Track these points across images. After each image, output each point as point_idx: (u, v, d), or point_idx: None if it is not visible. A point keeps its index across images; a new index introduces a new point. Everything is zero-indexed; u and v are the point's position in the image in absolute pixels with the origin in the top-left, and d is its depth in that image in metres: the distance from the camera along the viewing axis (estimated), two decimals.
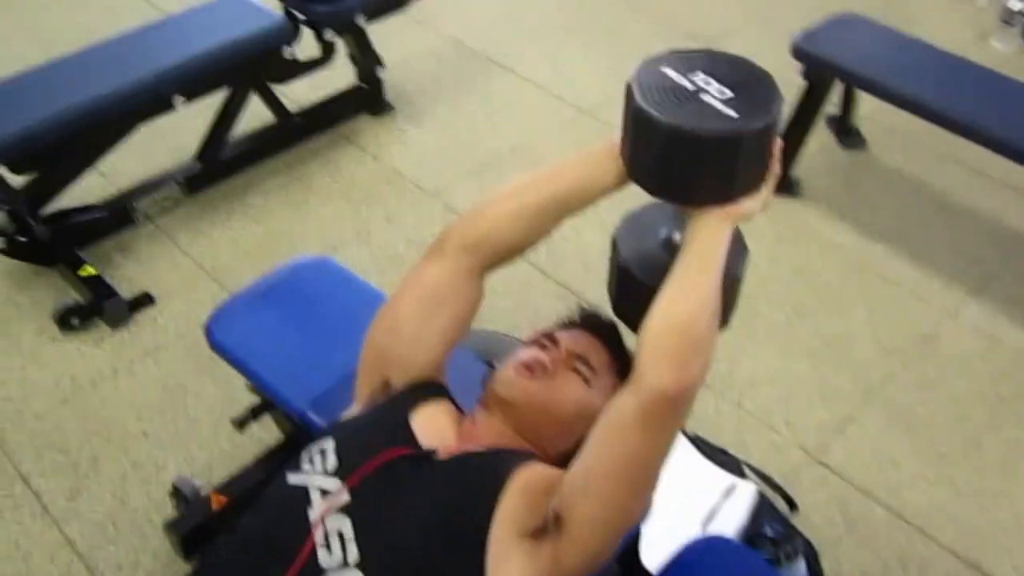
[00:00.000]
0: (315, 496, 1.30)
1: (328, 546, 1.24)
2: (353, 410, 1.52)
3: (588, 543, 1.23)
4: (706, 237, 1.25)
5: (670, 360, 1.19)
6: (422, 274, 1.47)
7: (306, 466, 1.36)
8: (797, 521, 2.16)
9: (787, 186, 3.12)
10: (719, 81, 1.25)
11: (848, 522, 2.20)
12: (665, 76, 1.26)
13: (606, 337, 1.56)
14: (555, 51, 3.79)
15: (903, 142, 3.34)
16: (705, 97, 1.22)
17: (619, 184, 1.36)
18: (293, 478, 1.35)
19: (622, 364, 1.53)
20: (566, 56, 3.75)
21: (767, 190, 1.29)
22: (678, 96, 1.23)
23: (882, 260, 2.88)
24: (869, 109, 3.40)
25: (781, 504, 2.19)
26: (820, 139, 3.31)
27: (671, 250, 1.36)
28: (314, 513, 1.28)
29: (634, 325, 1.45)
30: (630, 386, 1.21)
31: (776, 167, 1.28)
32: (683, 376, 1.18)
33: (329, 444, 1.38)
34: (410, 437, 1.38)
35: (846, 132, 3.35)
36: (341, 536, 1.25)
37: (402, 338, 1.48)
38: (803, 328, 2.66)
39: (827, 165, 3.25)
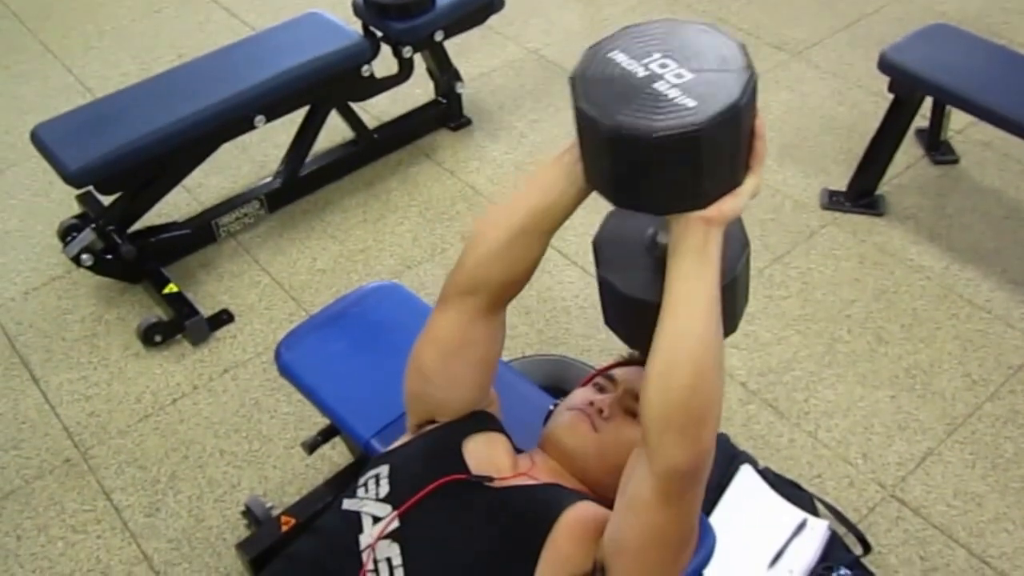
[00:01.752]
0: (367, 522, 1.33)
1: (377, 572, 1.26)
2: (406, 437, 1.54)
3: None
4: (688, 253, 1.14)
5: (678, 437, 1.12)
6: (434, 326, 1.47)
7: (360, 492, 1.39)
8: (871, 561, 2.10)
9: (872, 204, 3.03)
10: (677, 62, 1.10)
11: (926, 564, 2.12)
12: (613, 64, 1.12)
13: None
14: None
15: (998, 159, 3.21)
16: (659, 85, 1.07)
17: (581, 194, 1.28)
18: (347, 504, 1.38)
19: None
20: None
21: (753, 178, 1.16)
22: (627, 88, 1.08)
23: (972, 285, 2.77)
24: (963, 123, 3.28)
25: (854, 543, 2.13)
26: (909, 154, 3.20)
27: (658, 253, 1.26)
28: (365, 540, 1.30)
29: (627, 340, 1.43)
30: (644, 461, 1.17)
31: (761, 147, 1.16)
32: (695, 448, 1.13)
33: (383, 470, 1.40)
34: (462, 464, 1.39)
35: (937, 147, 3.23)
36: (389, 563, 1.27)
37: (434, 385, 1.49)
38: (885, 356, 2.58)
39: (916, 182, 3.14)
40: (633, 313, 1.33)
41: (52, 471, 2.39)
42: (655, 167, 1.08)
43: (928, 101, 2.99)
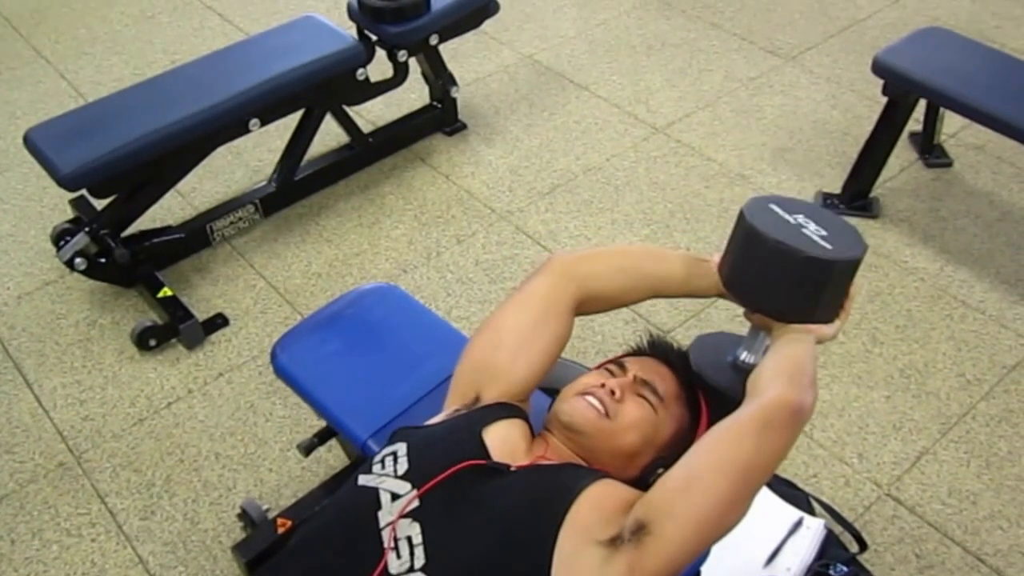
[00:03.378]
0: (385, 498, 1.33)
1: (397, 550, 1.27)
2: (434, 419, 1.54)
3: (675, 546, 1.19)
4: (792, 344, 1.37)
5: (788, 382, 1.28)
6: (531, 286, 1.55)
7: (376, 468, 1.39)
8: (867, 559, 2.10)
9: (866, 206, 3.04)
10: (816, 224, 1.42)
11: (922, 562, 2.13)
12: (771, 211, 1.43)
13: (675, 365, 1.54)
14: (630, 69, 3.76)
15: (991, 162, 3.23)
16: (805, 231, 1.39)
17: (707, 293, 1.53)
18: (364, 479, 1.38)
19: (690, 394, 1.52)
20: (641, 74, 3.72)
21: (840, 323, 1.42)
22: (782, 225, 1.40)
23: (965, 286, 2.78)
24: (956, 125, 3.30)
25: (850, 542, 2.13)
26: (903, 158, 3.22)
27: (741, 369, 1.50)
28: (384, 516, 1.30)
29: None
30: (746, 402, 1.29)
31: (849, 306, 1.43)
32: (803, 395, 1.26)
33: (401, 448, 1.41)
34: (483, 449, 1.39)
35: (930, 151, 3.24)
36: (410, 541, 1.27)
37: (504, 350, 1.51)
38: (880, 356, 2.58)
39: (909, 185, 3.16)
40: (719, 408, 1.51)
41: (46, 475, 2.38)
42: (794, 278, 1.37)
43: (921, 104, 3.00)
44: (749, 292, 1.46)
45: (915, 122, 3.09)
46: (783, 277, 1.39)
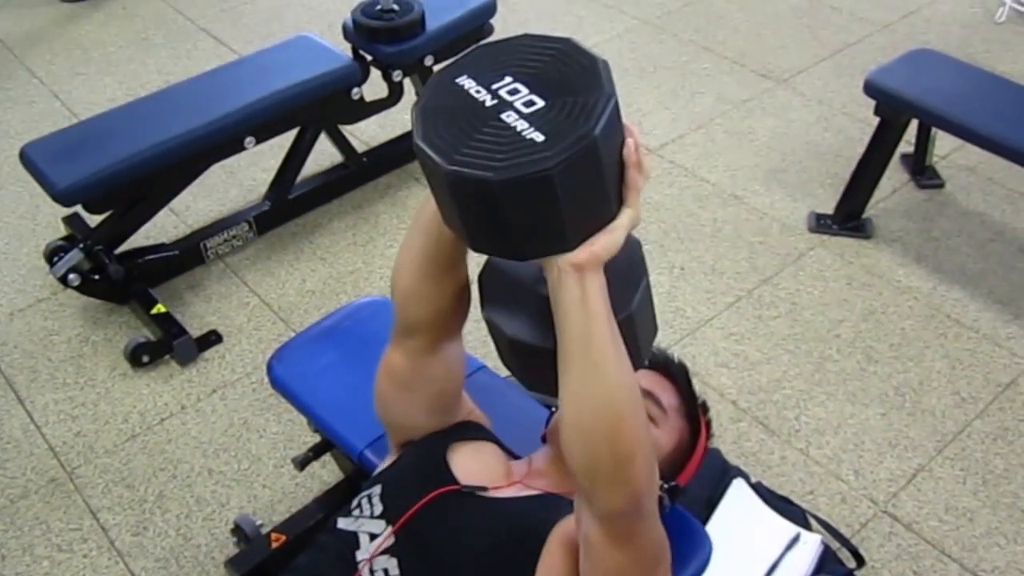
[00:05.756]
0: (364, 540, 1.34)
1: None
2: (391, 456, 1.54)
3: None
4: (569, 305, 1.05)
5: (608, 484, 1.09)
6: (387, 361, 1.46)
7: (355, 512, 1.39)
8: None
9: (859, 227, 3.05)
10: (529, 86, 0.99)
11: None
12: (459, 92, 1.00)
13: (676, 379, 1.54)
14: (623, 91, 3.73)
15: (982, 183, 3.25)
16: (507, 116, 0.96)
17: None
18: (343, 523, 1.38)
19: (691, 407, 1.51)
20: (634, 96, 3.74)
21: (629, 210, 1.06)
22: (470, 121, 0.97)
23: (959, 305, 2.79)
24: (947, 147, 3.32)
25: (847, 558, 2.12)
26: (895, 179, 3.23)
27: (542, 292, 1.12)
28: (362, 555, 1.30)
29: (523, 382, 1.34)
30: (585, 507, 1.15)
31: (635, 176, 1.05)
32: (627, 490, 1.09)
33: (376, 490, 1.41)
34: (450, 475, 1.39)
35: (922, 172, 3.27)
36: (386, 573, 1.26)
37: (396, 415, 1.51)
38: (875, 374, 2.59)
39: (902, 206, 3.17)
40: (523, 357, 1.23)
41: (37, 491, 2.36)
42: (505, 212, 0.96)
43: (913, 126, 3.02)
44: (468, 237, 1.05)
45: (907, 144, 3.11)
46: (492, 215, 0.96)
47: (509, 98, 0.98)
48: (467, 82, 1.01)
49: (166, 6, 4.45)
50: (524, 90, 0.98)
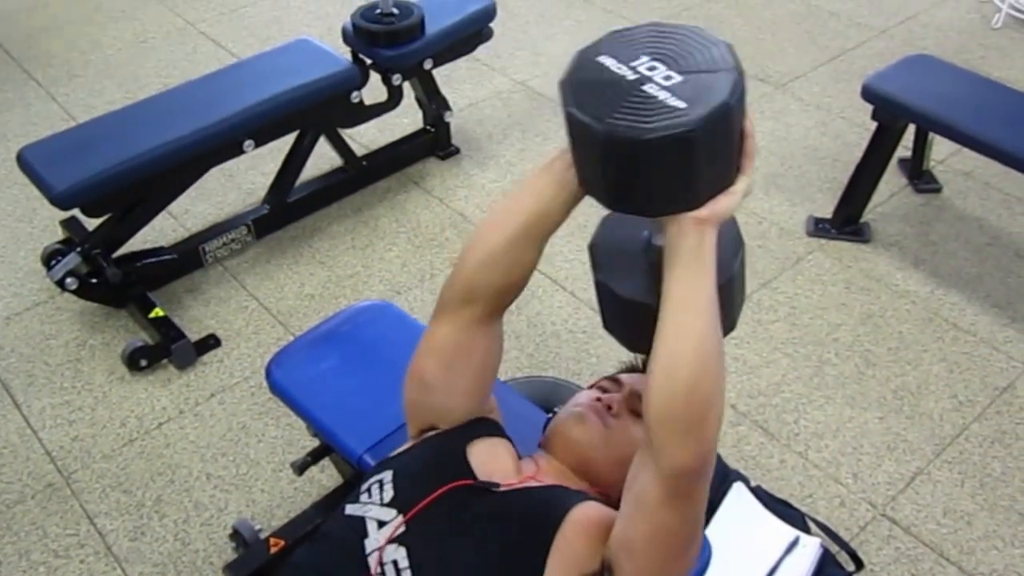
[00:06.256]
0: (371, 527, 1.33)
1: (383, 574, 1.26)
2: (407, 444, 1.53)
3: None
4: (684, 255, 1.14)
5: (683, 435, 1.12)
6: (433, 335, 1.46)
7: (363, 497, 1.39)
8: None
9: (857, 231, 3.05)
10: (665, 64, 1.10)
11: None
12: (602, 68, 1.12)
13: None
14: None
15: (979, 187, 3.26)
16: (649, 88, 1.07)
17: (573, 199, 1.29)
18: (351, 509, 1.37)
19: None
20: None
21: (745, 177, 1.17)
22: (617, 92, 1.08)
23: (956, 309, 2.80)
24: (944, 152, 3.33)
25: (846, 561, 2.12)
26: (892, 183, 3.24)
27: (653, 256, 1.25)
28: (371, 544, 1.29)
29: (627, 343, 1.42)
30: (650, 462, 1.16)
31: (751, 146, 1.16)
32: (700, 447, 1.13)
33: (387, 475, 1.40)
34: (468, 469, 1.39)
35: (919, 176, 3.27)
36: (396, 565, 1.26)
37: (434, 394, 1.48)
38: (873, 378, 2.59)
39: (899, 210, 3.18)
40: (631, 316, 1.33)
41: (34, 495, 2.36)
42: (648, 169, 1.08)
43: (910, 130, 3.03)
44: (606, 195, 1.17)
45: (904, 148, 3.12)
46: (636, 172, 1.08)
47: (648, 73, 1.09)
48: (608, 60, 1.12)
49: (165, 9, 4.45)
50: (661, 67, 1.09)
